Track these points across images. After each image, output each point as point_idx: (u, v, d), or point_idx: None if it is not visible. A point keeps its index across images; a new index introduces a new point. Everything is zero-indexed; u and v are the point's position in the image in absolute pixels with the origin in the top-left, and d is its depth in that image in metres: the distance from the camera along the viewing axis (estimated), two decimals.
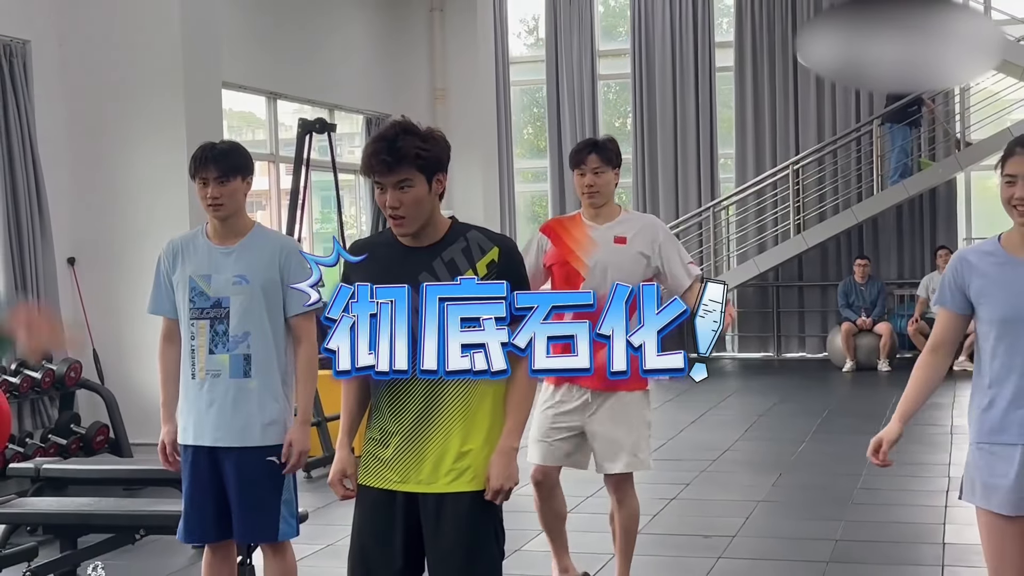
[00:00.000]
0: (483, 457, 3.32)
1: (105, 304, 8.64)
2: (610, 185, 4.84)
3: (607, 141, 4.93)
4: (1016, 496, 3.34)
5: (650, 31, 15.14)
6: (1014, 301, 3.34)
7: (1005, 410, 3.37)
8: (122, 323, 8.53)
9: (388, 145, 3.23)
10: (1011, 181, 3.32)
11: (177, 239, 4.37)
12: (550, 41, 15.61)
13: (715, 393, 12.11)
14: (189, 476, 4.27)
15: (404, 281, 3.29)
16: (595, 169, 4.78)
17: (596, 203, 4.82)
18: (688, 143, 15.08)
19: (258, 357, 4.21)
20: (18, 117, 7.98)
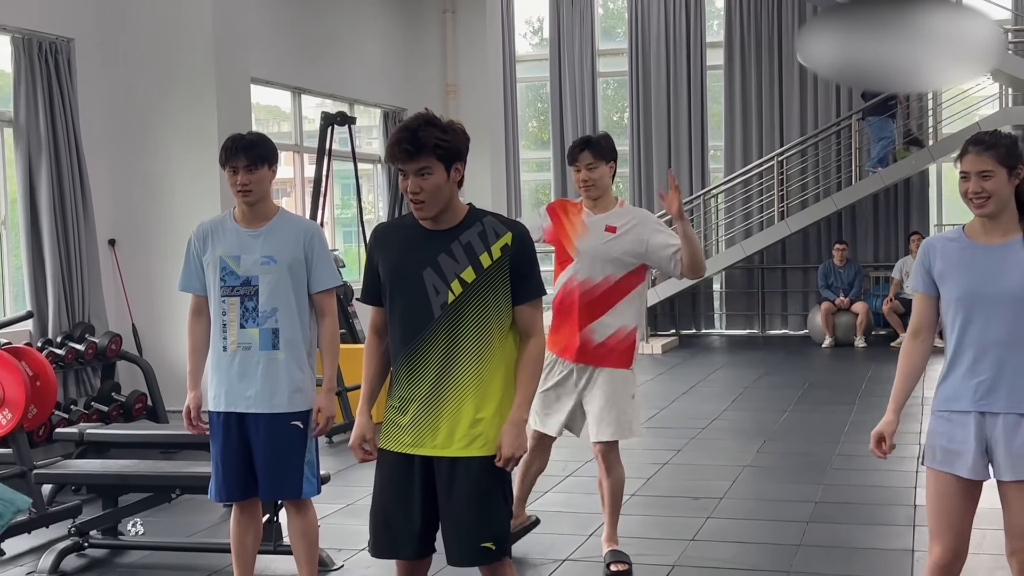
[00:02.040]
0: (495, 425, 3.32)
1: (143, 282, 8.66)
2: (605, 178, 4.82)
3: (600, 138, 4.90)
4: (975, 460, 3.36)
5: (646, 32, 15.11)
6: (970, 281, 3.37)
7: (960, 379, 3.39)
8: (159, 300, 8.55)
9: (411, 135, 3.23)
10: (965, 177, 3.37)
11: (207, 223, 4.37)
12: (553, 41, 15.58)
13: (704, 367, 12.16)
14: (220, 440, 4.28)
15: (424, 261, 3.30)
16: (588, 165, 4.77)
17: (592, 195, 4.83)
18: (680, 136, 15.07)
19: (285, 331, 4.22)
20: (63, 110, 7.97)
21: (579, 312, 4.74)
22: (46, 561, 5.29)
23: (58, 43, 8.00)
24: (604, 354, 4.78)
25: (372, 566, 4.87)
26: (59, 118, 7.94)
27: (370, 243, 3.48)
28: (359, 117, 10.70)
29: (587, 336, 4.75)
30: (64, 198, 7.96)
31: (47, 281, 7.88)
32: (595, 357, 4.78)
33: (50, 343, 7.65)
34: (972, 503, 3.43)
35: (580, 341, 4.76)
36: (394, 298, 3.37)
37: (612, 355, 4.79)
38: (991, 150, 3.34)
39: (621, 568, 4.92)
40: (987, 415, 3.35)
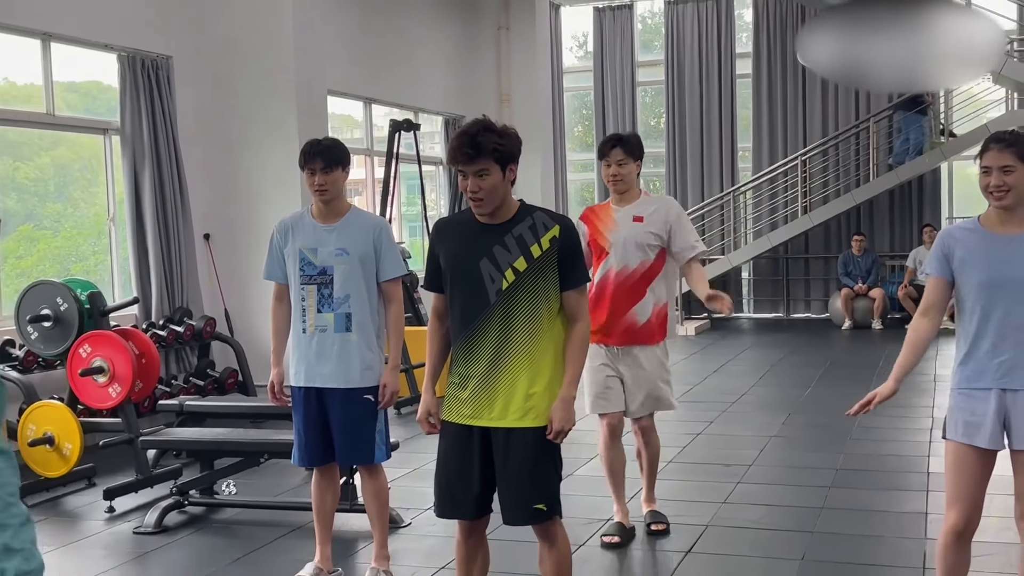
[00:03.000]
0: (545, 399, 3.31)
1: (234, 271, 8.74)
2: (632, 175, 4.67)
3: (630, 136, 4.73)
4: (994, 431, 3.31)
5: (681, 44, 14.96)
6: (990, 269, 3.30)
7: (982, 360, 3.32)
8: (248, 287, 8.63)
9: (470, 140, 3.22)
10: (987, 171, 3.30)
11: (287, 218, 4.39)
12: (597, 54, 15.48)
13: (734, 347, 12.06)
14: (301, 412, 4.31)
15: (481, 252, 3.30)
16: (619, 161, 4.63)
17: (619, 189, 4.70)
18: (712, 138, 14.92)
19: (357, 315, 4.24)
20: (163, 120, 8.06)
21: (622, 299, 4.64)
22: (151, 518, 5.37)
23: (158, 60, 8.08)
24: (648, 332, 4.68)
25: (436, 524, 4.88)
26: (160, 127, 8.02)
27: (432, 236, 3.48)
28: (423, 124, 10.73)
29: (631, 320, 4.65)
30: (165, 198, 8.05)
31: (150, 271, 7.98)
32: (640, 337, 4.67)
33: (153, 325, 7.75)
34: (987, 473, 3.38)
35: (625, 326, 4.66)
36: (454, 286, 3.36)
37: (654, 332, 4.69)
38: (1012, 147, 3.28)
39: (660, 527, 4.89)
40: (1007, 391, 3.29)
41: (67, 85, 7.92)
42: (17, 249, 7.66)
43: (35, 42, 7.43)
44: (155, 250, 7.97)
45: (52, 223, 8.06)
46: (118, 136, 7.96)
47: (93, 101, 8.29)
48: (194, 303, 8.27)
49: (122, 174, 7.99)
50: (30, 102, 7.57)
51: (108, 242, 8.22)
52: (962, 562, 3.43)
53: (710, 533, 5.01)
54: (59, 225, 8.12)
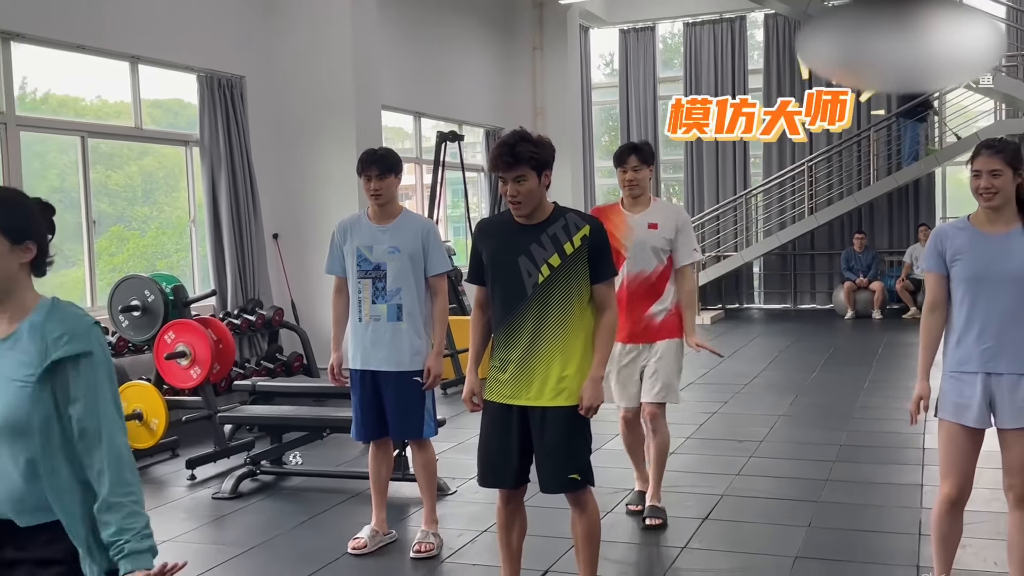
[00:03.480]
0: (577, 381, 3.30)
1: (300, 268, 8.79)
2: (646, 179, 4.55)
3: (643, 144, 4.62)
4: (980, 412, 3.27)
5: (698, 62, 14.82)
6: (978, 264, 3.26)
7: (970, 346, 3.28)
8: (311, 280, 8.68)
9: (509, 149, 3.22)
10: (977, 175, 3.26)
11: (346, 219, 4.40)
12: (622, 71, 15.37)
13: (746, 335, 11.96)
14: (358, 392, 4.33)
15: (519, 249, 3.29)
16: (635, 167, 4.51)
17: (635, 193, 4.55)
18: (726, 146, 14.76)
19: (407, 306, 4.24)
20: (237, 132, 8.12)
21: (640, 300, 4.51)
22: (227, 485, 5.43)
23: (233, 79, 8.14)
24: (667, 329, 4.55)
25: (479, 492, 4.89)
26: (234, 138, 8.08)
27: (475, 235, 3.48)
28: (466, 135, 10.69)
29: (649, 320, 4.52)
30: (238, 201, 8.11)
31: (226, 267, 8.05)
32: (657, 334, 4.54)
33: (229, 315, 7.81)
34: (976, 448, 3.34)
35: (644, 325, 4.52)
36: (495, 280, 3.36)
37: (670, 329, 4.56)
38: (1000, 153, 3.24)
39: (656, 522, 4.58)
40: (992, 375, 3.25)
41: (153, 102, 8.00)
42: (110, 247, 7.76)
43: (125, 64, 7.51)
44: (230, 248, 8.04)
45: (140, 224, 8.15)
46: (198, 147, 8.04)
47: (176, 116, 8.38)
48: (264, 295, 8.33)
49: (201, 181, 8.06)
50: (120, 117, 7.66)
51: (189, 241, 8.30)
52: (956, 529, 3.40)
53: (725, 502, 4.97)
54: (146, 226, 8.21)
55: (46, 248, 2.02)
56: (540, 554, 4.13)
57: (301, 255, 8.78)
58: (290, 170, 8.82)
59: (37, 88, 7.08)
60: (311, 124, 8.75)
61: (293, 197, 8.83)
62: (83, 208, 7.21)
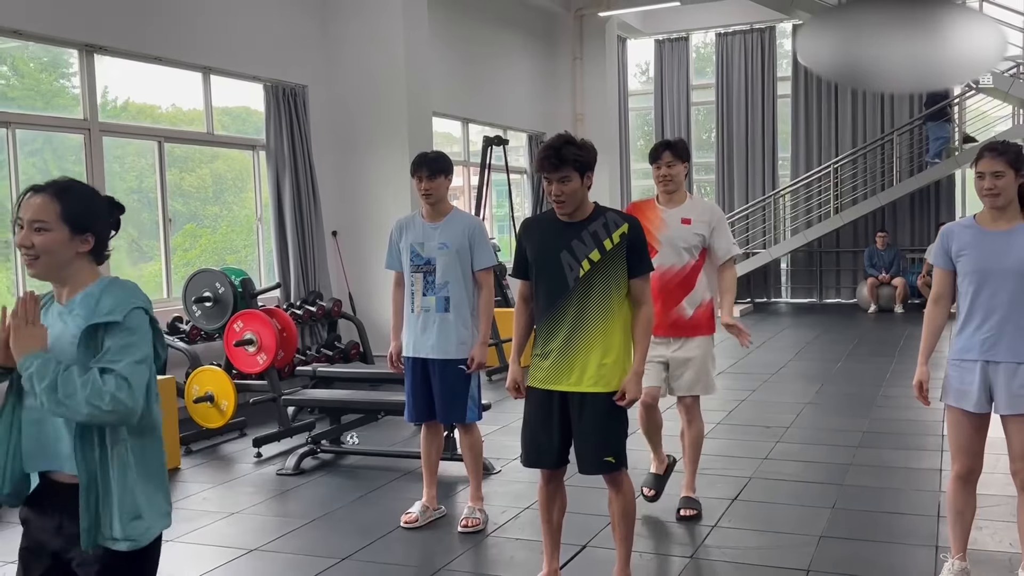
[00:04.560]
0: (615, 370, 3.29)
1: (357, 262, 8.84)
2: (680, 175, 4.39)
3: (677, 141, 4.47)
4: (979, 398, 3.26)
5: (730, 70, 14.65)
6: (981, 259, 3.25)
7: (970, 336, 3.27)
8: (368, 275, 8.73)
9: (555, 152, 3.21)
10: (981, 176, 3.26)
11: (403, 218, 4.42)
12: (657, 79, 15.25)
13: (774, 327, 11.83)
14: (409, 377, 4.35)
15: (562, 245, 3.29)
16: (668, 163, 4.36)
17: (669, 190, 4.40)
18: (756, 149, 14.60)
19: (455, 299, 4.25)
20: (300, 137, 8.18)
21: (670, 294, 4.38)
22: (290, 462, 5.48)
23: (296, 88, 8.21)
24: (695, 325, 4.41)
25: (522, 472, 4.90)
26: (297, 143, 8.16)
27: (520, 233, 3.47)
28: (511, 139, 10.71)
29: (679, 314, 4.39)
30: (301, 201, 8.19)
31: (289, 261, 8.13)
32: (687, 329, 4.40)
33: (292, 306, 7.89)
34: (980, 431, 3.33)
35: (672, 319, 4.40)
36: (539, 274, 3.36)
37: (700, 325, 4.44)
38: (1003, 155, 3.22)
39: (690, 513, 4.43)
40: (991, 363, 3.24)
41: (223, 110, 8.10)
42: (183, 243, 7.88)
43: (198, 75, 7.62)
44: (293, 244, 8.11)
45: (211, 222, 8.26)
46: (264, 151, 8.12)
47: (244, 123, 8.48)
48: (324, 287, 8.40)
49: (267, 182, 8.15)
50: (193, 124, 7.78)
51: (256, 238, 8.39)
52: (969, 504, 3.39)
53: (753, 484, 4.93)
54: (217, 224, 8.32)
55: (105, 241, 2.14)
56: (579, 530, 4.13)
57: (358, 251, 8.83)
58: (348, 172, 8.89)
59: (118, 97, 7.21)
60: (367, 129, 8.80)
61: (351, 197, 8.90)
62: (160, 207, 7.32)
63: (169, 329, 6.88)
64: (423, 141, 8.77)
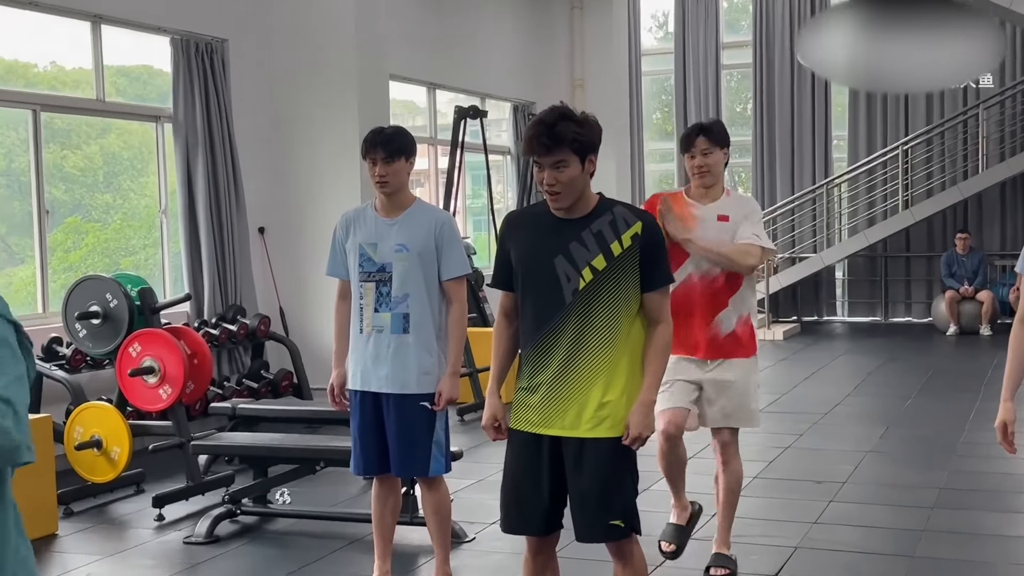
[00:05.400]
0: (621, 407, 3.29)
1: (290, 267, 8.82)
2: (719, 164, 4.56)
3: (713, 123, 4.65)
4: None
5: (770, 23, 14.78)
6: None
7: None
8: (304, 284, 8.71)
9: (547, 129, 3.21)
10: None
11: (350, 212, 4.43)
12: (678, 34, 15.37)
13: (826, 353, 11.89)
14: (357, 417, 4.34)
15: (556, 248, 3.29)
16: (704, 150, 4.52)
17: (706, 182, 4.55)
18: (804, 126, 14.71)
19: (415, 316, 4.25)
20: (218, 106, 8.17)
21: (705, 306, 4.50)
22: (202, 527, 5.44)
23: (213, 44, 8.21)
24: (733, 344, 4.53)
25: (502, 539, 4.88)
26: (214, 114, 8.14)
27: (502, 230, 3.48)
28: (490, 110, 10.71)
29: (715, 329, 4.50)
30: (219, 189, 8.17)
31: (203, 266, 8.10)
32: (725, 349, 4.52)
33: (206, 324, 7.86)
34: None
35: (709, 335, 4.51)
36: (526, 284, 3.36)
37: (741, 344, 4.55)
38: None
39: (721, 573, 4.57)
40: None
41: (117, 70, 8.08)
42: (65, 242, 7.84)
43: (85, 24, 7.59)
44: (208, 244, 8.09)
45: (101, 215, 8.23)
46: (170, 124, 8.10)
47: (144, 87, 8.45)
48: (248, 301, 8.38)
49: (174, 164, 8.12)
50: (79, 88, 7.75)
51: (159, 235, 8.36)
52: None
53: (799, 556, 4.94)
54: (108, 217, 8.29)
55: None
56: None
57: (292, 254, 8.82)
58: (281, 152, 8.87)
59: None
60: (306, 97, 8.79)
61: (284, 184, 8.88)
62: (34, 195, 7.28)
63: (44, 353, 6.84)
64: (378, 113, 8.78)
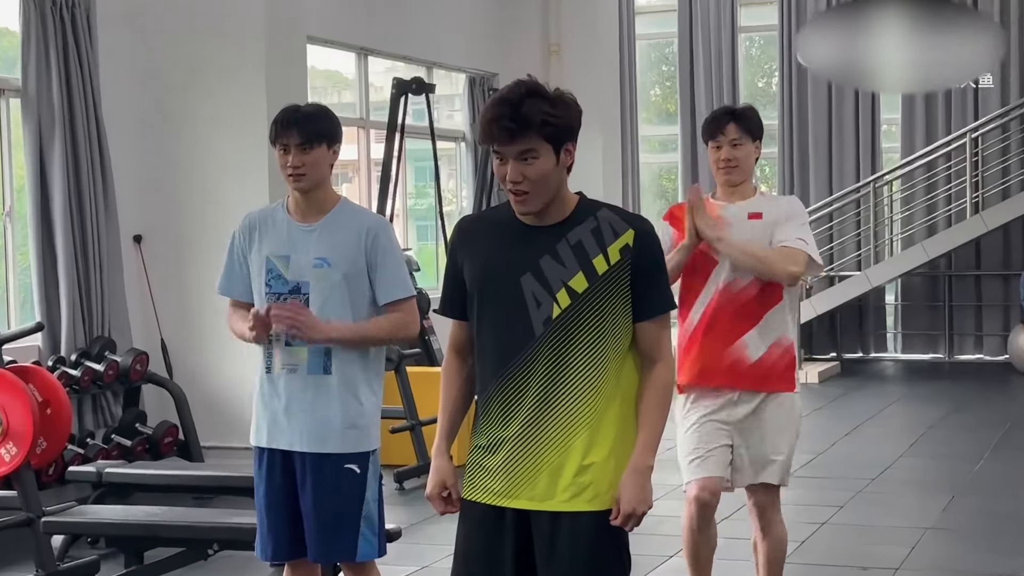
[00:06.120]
0: (607, 472, 3.29)
1: (176, 287, 8.76)
2: (750, 159, 4.76)
3: (746, 109, 4.86)
4: None
5: None
6: None
7: None
8: (195, 309, 8.64)
9: (512, 110, 3.20)
10: None
11: (255, 214, 4.42)
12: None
13: (875, 400, 11.94)
14: (263, 484, 4.32)
15: (524, 264, 3.28)
16: (733, 141, 4.70)
17: (734, 180, 4.74)
18: (845, 106, 14.84)
19: (340, 351, 4.24)
20: (81, 78, 8.09)
21: (726, 322, 4.63)
22: None
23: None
24: (763, 375, 4.65)
25: None
26: (76, 87, 8.08)
27: (453, 241, 3.47)
28: (439, 84, 10.74)
29: (739, 353, 4.63)
30: (81, 185, 8.10)
31: (60, 286, 8.02)
32: (752, 380, 4.65)
33: (63, 362, 7.78)
34: None
35: (729, 360, 4.64)
36: (483, 311, 3.35)
37: (773, 375, 4.67)
38: None
39: None
40: None
41: None
42: None
43: None
44: (67, 257, 8.02)
45: None
46: (18, 99, 8.04)
47: None
48: (119, 332, 8.31)
49: (23, 151, 8.05)
50: None
51: (2, 244, 8.29)
52: None
53: None
54: None
55: None
56: None
57: (179, 270, 8.77)
58: (164, 137, 8.82)
59: None
60: (198, 67, 8.75)
61: (168, 179, 8.83)
62: None
63: None
64: (293, 86, 8.77)
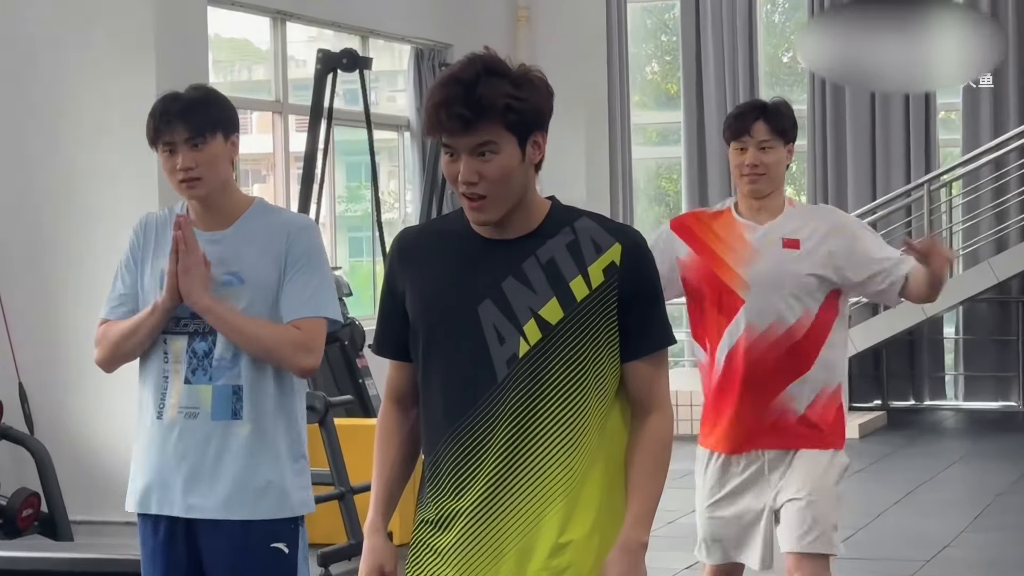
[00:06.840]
0: (590, 552, 3.30)
1: (36, 320, 8.76)
2: (781, 165, 4.83)
3: (780, 104, 4.94)
4: None
5: None
6: None
7: None
8: (61, 347, 8.63)
9: (465, 91, 3.20)
10: None
11: (153, 217, 4.40)
12: None
13: (931, 460, 11.99)
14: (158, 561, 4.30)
15: (482, 289, 3.29)
16: (762, 143, 4.76)
17: (761, 191, 4.80)
18: None
19: (252, 390, 4.24)
20: None
21: (768, 375, 4.71)
22: None
23: None
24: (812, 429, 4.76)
25: None
26: None
27: (391, 260, 3.47)
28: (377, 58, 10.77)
29: (783, 406, 4.72)
30: None
31: None
32: (800, 436, 4.76)
33: None
34: None
35: (773, 418, 4.72)
36: (431, 349, 3.36)
37: (824, 428, 4.77)
38: None
39: None
40: None
41: None
42: None
43: None
44: None
45: None
46: None
47: None
48: None
49: None
50: None
51: None
52: None
53: None
54: None
55: None
56: None
57: (42, 297, 8.79)
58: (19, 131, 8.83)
59: None
60: (64, 35, 8.77)
61: (26, 181, 8.84)
62: None
63: None
64: (189, 60, 8.80)
